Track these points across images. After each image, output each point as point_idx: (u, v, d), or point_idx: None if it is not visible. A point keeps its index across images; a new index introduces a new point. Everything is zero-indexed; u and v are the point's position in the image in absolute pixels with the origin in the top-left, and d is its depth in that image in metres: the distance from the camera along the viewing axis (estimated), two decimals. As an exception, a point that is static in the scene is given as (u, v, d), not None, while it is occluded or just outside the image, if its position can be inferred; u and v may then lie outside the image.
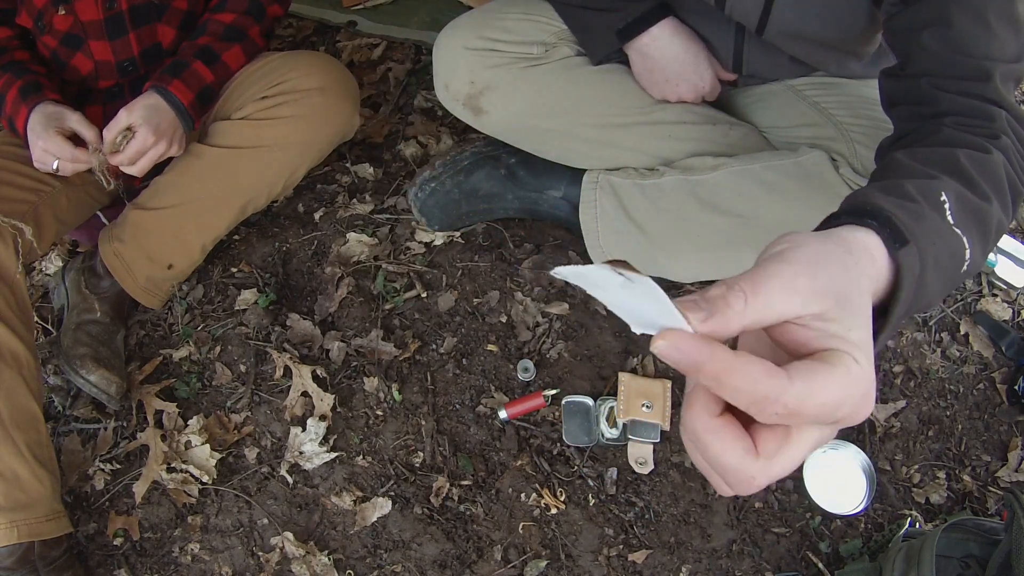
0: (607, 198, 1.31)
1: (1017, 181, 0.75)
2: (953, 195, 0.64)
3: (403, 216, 1.55)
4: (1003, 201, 0.71)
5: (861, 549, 1.26)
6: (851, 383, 0.43)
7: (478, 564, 1.25)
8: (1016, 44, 0.82)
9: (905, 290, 0.53)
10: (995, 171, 0.72)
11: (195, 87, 1.27)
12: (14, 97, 1.21)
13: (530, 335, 1.42)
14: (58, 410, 1.41)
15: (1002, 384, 1.43)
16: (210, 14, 1.33)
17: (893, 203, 0.57)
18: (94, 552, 1.30)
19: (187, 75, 1.26)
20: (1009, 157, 0.76)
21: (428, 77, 1.75)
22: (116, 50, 1.28)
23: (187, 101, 1.25)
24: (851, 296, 0.46)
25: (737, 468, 0.44)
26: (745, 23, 1.11)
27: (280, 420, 1.37)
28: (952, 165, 0.68)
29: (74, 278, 1.44)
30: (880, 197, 0.58)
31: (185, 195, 1.35)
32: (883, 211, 0.55)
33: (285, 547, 1.27)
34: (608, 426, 1.30)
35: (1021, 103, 1.71)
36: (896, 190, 0.61)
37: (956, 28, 0.81)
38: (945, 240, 0.61)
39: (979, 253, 0.65)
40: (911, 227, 0.55)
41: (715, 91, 1.27)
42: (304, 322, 1.44)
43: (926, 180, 0.64)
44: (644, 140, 1.28)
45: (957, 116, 0.80)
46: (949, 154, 0.70)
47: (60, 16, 1.24)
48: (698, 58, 1.21)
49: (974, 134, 0.77)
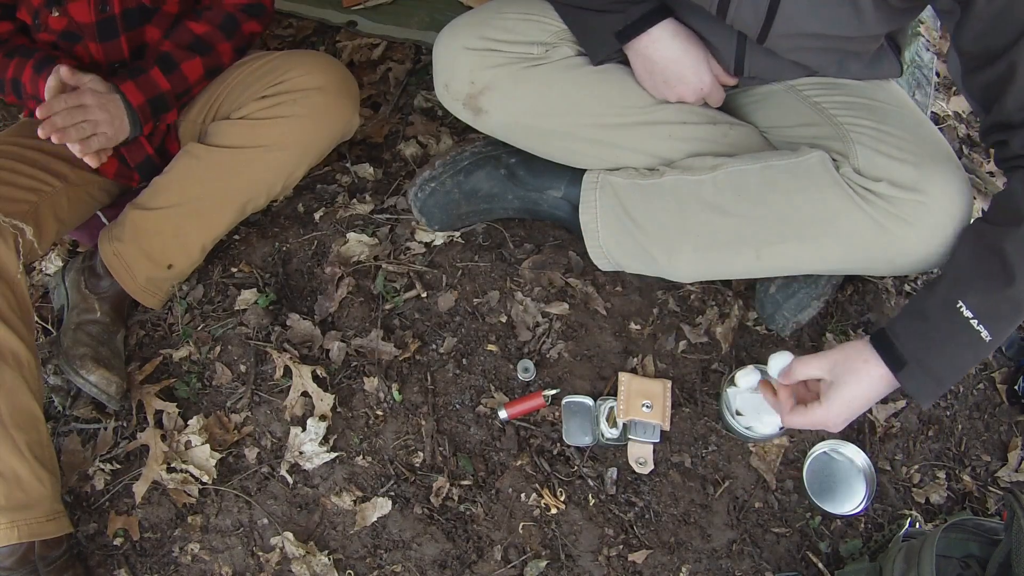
0: (607, 198, 1.31)
1: None
2: (976, 295, 0.94)
3: (403, 216, 1.55)
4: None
5: (861, 549, 1.26)
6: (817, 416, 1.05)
7: (478, 564, 1.25)
8: None
9: (912, 393, 1.00)
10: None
11: (149, 92, 1.27)
12: (30, 76, 1.22)
13: (530, 335, 1.42)
14: (58, 410, 1.41)
15: (1002, 384, 1.43)
16: (187, 19, 1.33)
17: (905, 328, 0.99)
18: (94, 552, 1.30)
19: (143, 79, 1.27)
20: None
21: (428, 77, 1.75)
22: (107, 52, 1.29)
23: (137, 103, 1.25)
24: (844, 382, 1.03)
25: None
26: (746, 32, 1.12)
27: (280, 420, 1.37)
28: (995, 251, 0.94)
29: (74, 278, 1.44)
30: (897, 324, 1.01)
31: (185, 195, 1.35)
32: (887, 339, 1.01)
33: (285, 547, 1.27)
34: (608, 426, 1.30)
35: None
36: (916, 310, 1.00)
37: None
38: (956, 339, 0.95)
39: (1006, 327, 0.95)
40: (914, 350, 0.98)
41: (716, 94, 1.27)
42: (304, 322, 1.45)
43: (955, 286, 0.96)
44: (644, 140, 1.28)
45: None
46: (998, 239, 0.95)
47: (54, 17, 1.24)
48: (698, 60, 1.21)
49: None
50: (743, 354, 1.39)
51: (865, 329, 1.44)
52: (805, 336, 1.42)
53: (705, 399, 1.36)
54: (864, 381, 1.01)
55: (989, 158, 1.73)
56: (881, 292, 1.48)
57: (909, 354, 0.97)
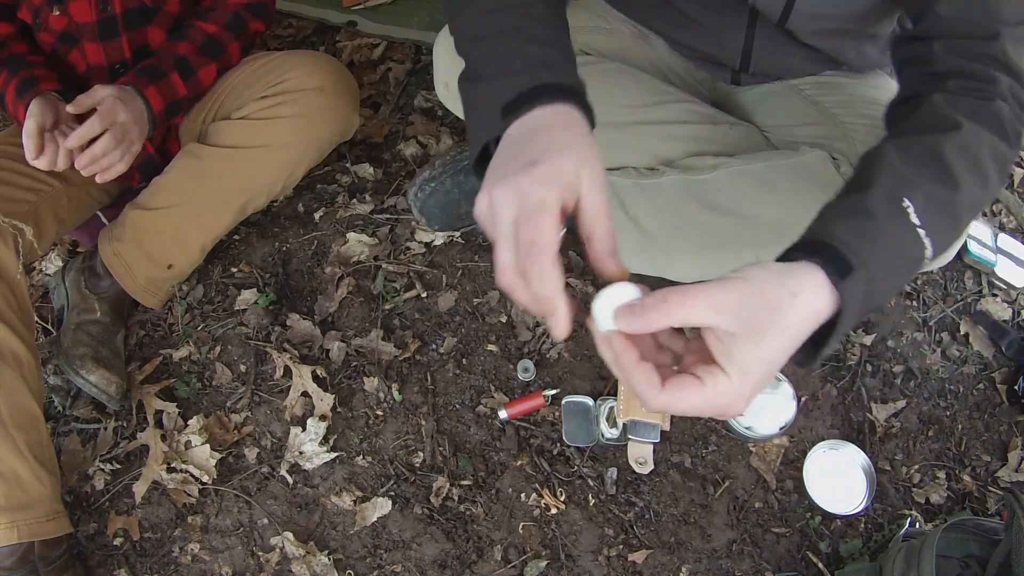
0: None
1: (1005, 145, 0.80)
2: (922, 198, 0.72)
3: (403, 216, 1.55)
4: (980, 179, 0.78)
5: (861, 549, 1.26)
6: (716, 396, 0.61)
7: (478, 564, 1.25)
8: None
9: (845, 318, 0.65)
10: (976, 151, 0.77)
11: (168, 97, 1.27)
12: (12, 96, 1.21)
13: (530, 335, 1.42)
14: (58, 410, 1.40)
15: (1002, 384, 1.43)
16: (194, 19, 1.33)
17: (847, 229, 0.69)
18: (94, 552, 1.30)
19: (163, 84, 1.26)
20: (1002, 120, 0.80)
21: (428, 77, 1.75)
22: (108, 52, 1.28)
23: (157, 109, 1.25)
24: (763, 329, 0.60)
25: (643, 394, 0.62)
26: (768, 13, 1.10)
27: (280, 420, 1.37)
28: (932, 155, 0.76)
29: (74, 278, 1.44)
30: (837, 224, 0.70)
31: (185, 195, 1.35)
32: (831, 245, 0.67)
33: (285, 547, 1.27)
34: (608, 426, 1.30)
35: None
36: (856, 210, 0.71)
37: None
38: (902, 248, 0.72)
39: (947, 242, 0.75)
40: (860, 251, 0.66)
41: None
42: (304, 322, 1.45)
43: (896, 183, 0.73)
44: (644, 140, 1.28)
45: (959, 79, 0.82)
46: (933, 144, 0.76)
47: (55, 16, 1.24)
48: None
49: (973, 97, 0.81)
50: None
51: (865, 329, 1.44)
52: (805, 336, 1.42)
53: (705, 399, 1.36)
54: (793, 326, 0.63)
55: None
56: (881, 292, 1.48)
57: (857, 258, 0.67)
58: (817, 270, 0.64)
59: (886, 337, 1.44)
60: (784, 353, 0.64)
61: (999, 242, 1.56)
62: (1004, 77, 0.82)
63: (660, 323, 0.60)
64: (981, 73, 0.82)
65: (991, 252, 1.54)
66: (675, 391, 0.61)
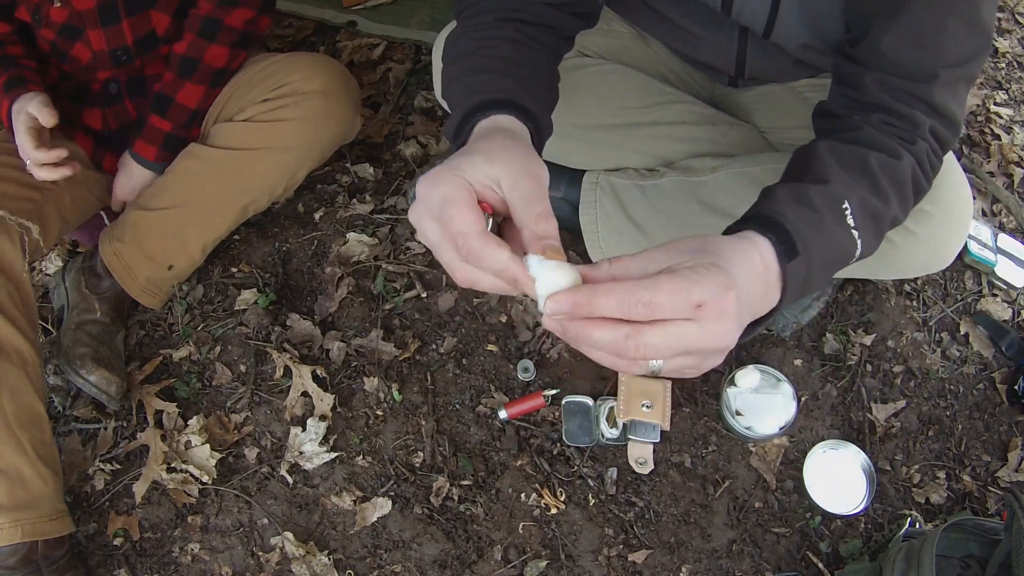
0: (607, 199, 1.31)
1: (923, 181, 0.86)
2: (857, 201, 0.76)
3: (403, 216, 1.55)
4: (903, 200, 0.82)
5: (861, 549, 1.26)
6: (701, 292, 0.58)
7: (478, 564, 1.25)
8: (970, 47, 0.83)
9: (788, 296, 0.69)
10: (900, 175, 0.82)
11: (157, 140, 1.36)
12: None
13: (530, 335, 1.42)
14: (58, 410, 1.41)
15: (1002, 384, 1.43)
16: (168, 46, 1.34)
17: (796, 215, 0.71)
18: (94, 552, 1.30)
19: (147, 132, 1.36)
20: (920, 161, 0.84)
21: (428, 77, 1.75)
22: (109, 38, 1.28)
23: (152, 156, 1.36)
24: (725, 254, 0.63)
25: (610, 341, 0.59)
26: (751, 27, 1.11)
27: (280, 420, 1.37)
28: (864, 167, 0.80)
29: (74, 278, 1.44)
30: (788, 207, 0.72)
31: (186, 196, 1.35)
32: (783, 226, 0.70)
33: (285, 547, 1.27)
34: (608, 426, 1.31)
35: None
36: (803, 199, 0.74)
37: (909, 23, 0.81)
38: (838, 243, 0.75)
39: (871, 247, 0.80)
40: (807, 239, 0.70)
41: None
42: (304, 322, 1.45)
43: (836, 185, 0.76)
44: (644, 140, 1.28)
45: (885, 114, 0.84)
46: (863, 157, 0.80)
47: (56, 8, 1.24)
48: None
49: (896, 135, 0.84)
50: (743, 354, 1.39)
51: (865, 329, 1.44)
52: (805, 336, 1.42)
53: (705, 399, 1.36)
54: (758, 267, 0.66)
55: (989, 157, 1.73)
56: (881, 292, 1.48)
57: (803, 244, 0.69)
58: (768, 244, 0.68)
59: (886, 337, 1.44)
60: (757, 296, 0.66)
61: (999, 242, 1.56)
62: (929, 120, 0.84)
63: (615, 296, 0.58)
64: (907, 115, 0.84)
65: (991, 252, 1.54)
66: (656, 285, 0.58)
